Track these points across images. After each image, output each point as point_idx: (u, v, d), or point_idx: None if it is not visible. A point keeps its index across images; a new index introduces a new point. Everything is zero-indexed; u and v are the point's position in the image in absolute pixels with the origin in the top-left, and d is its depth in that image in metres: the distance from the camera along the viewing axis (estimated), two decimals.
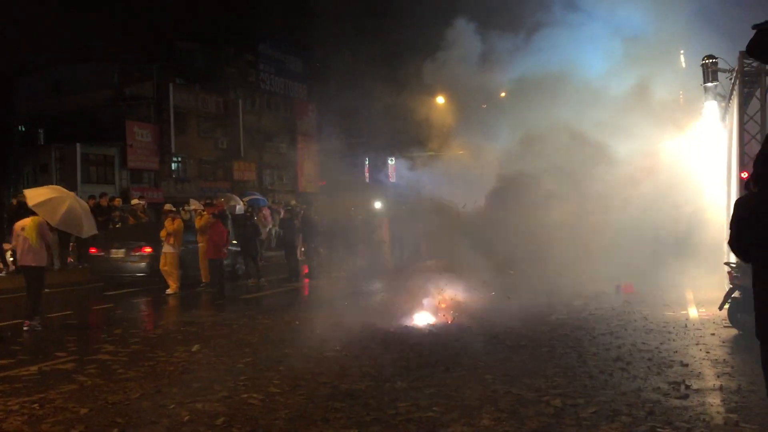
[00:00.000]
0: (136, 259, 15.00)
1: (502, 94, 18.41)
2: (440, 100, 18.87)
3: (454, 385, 6.48)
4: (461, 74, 16.49)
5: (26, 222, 10.36)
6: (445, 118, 17.77)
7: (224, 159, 44.16)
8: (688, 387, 6.24)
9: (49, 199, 10.46)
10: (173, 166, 41.26)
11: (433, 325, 9.88)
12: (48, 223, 10.34)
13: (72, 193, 11.27)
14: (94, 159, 37.31)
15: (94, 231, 11.54)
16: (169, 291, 14.01)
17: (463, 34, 16.43)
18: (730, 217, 4.31)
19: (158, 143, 39.49)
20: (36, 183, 37.60)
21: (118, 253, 15.10)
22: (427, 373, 6.96)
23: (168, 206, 16.24)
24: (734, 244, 4.25)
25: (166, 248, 14.23)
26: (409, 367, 7.29)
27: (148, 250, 14.88)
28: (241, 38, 47.08)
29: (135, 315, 12.03)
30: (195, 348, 8.56)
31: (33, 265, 10.24)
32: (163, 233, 14.35)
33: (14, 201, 18.17)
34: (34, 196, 10.63)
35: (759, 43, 4.25)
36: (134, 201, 20.07)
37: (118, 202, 19.34)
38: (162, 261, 14.26)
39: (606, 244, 14.84)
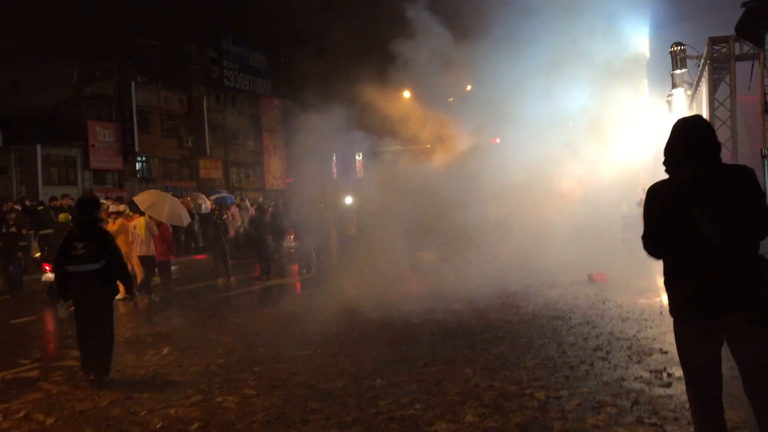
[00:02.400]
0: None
1: (468, 87, 18.36)
2: (406, 94, 18.72)
3: (434, 380, 6.35)
4: (426, 68, 16.36)
5: (138, 221, 13.15)
6: (411, 112, 17.62)
7: (190, 157, 43.59)
8: (670, 375, 6.18)
9: (155, 202, 13.39)
10: (137, 165, 40.57)
11: (408, 320, 9.74)
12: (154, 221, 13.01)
13: (168, 194, 14.63)
14: (55, 160, 36.45)
15: (188, 220, 14.33)
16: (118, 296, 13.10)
17: (427, 27, 16.28)
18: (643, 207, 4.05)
19: (121, 143, 38.82)
20: None
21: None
22: (406, 369, 6.82)
23: (111, 205, 15.52)
24: (647, 237, 3.99)
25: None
26: (387, 363, 7.15)
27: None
28: (203, 34, 46.50)
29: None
30: (165, 351, 8.32)
31: (144, 254, 12.96)
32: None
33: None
34: (142, 200, 13.49)
35: (747, 20, 4.15)
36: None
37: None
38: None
39: (574, 234, 14.96)
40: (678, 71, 12.44)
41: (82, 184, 36.96)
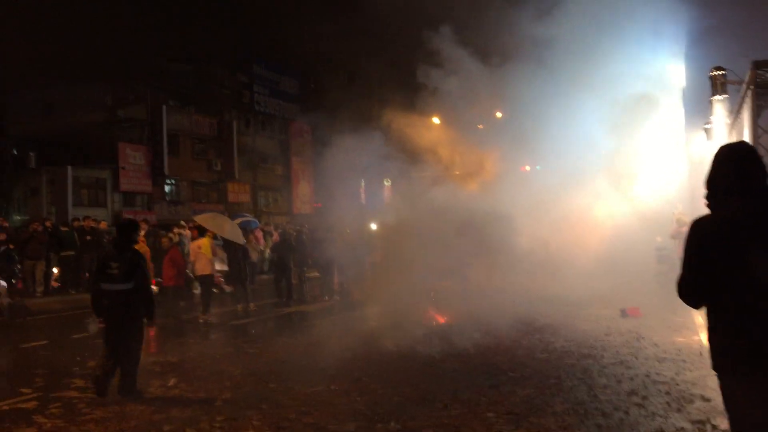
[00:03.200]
0: None
1: (498, 114, 18.03)
2: (435, 120, 18.41)
3: (454, 425, 5.84)
4: (455, 94, 16.06)
5: (202, 242, 13.91)
6: (440, 138, 17.27)
7: (218, 181, 43.58)
8: (715, 427, 5.60)
9: (216, 221, 14.57)
10: (166, 188, 40.65)
11: (430, 354, 9.22)
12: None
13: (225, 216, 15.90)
14: (85, 182, 36.64)
15: (242, 239, 14.90)
16: None
17: (455, 54, 16.00)
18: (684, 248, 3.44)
19: (151, 165, 38.88)
20: (26, 207, 37.05)
21: None
22: (424, 411, 6.31)
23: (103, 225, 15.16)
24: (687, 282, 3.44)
25: None
26: (404, 403, 6.64)
27: None
28: (234, 59, 46.79)
29: None
30: (171, 382, 7.91)
31: (207, 273, 13.66)
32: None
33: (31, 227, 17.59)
34: (204, 220, 14.63)
35: None
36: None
37: (104, 225, 18.66)
38: None
39: (606, 265, 14.39)
40: (718, 97, 11.87)
41: (112, 206, 37.08)
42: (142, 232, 15.74)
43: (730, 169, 3.40)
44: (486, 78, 15.77)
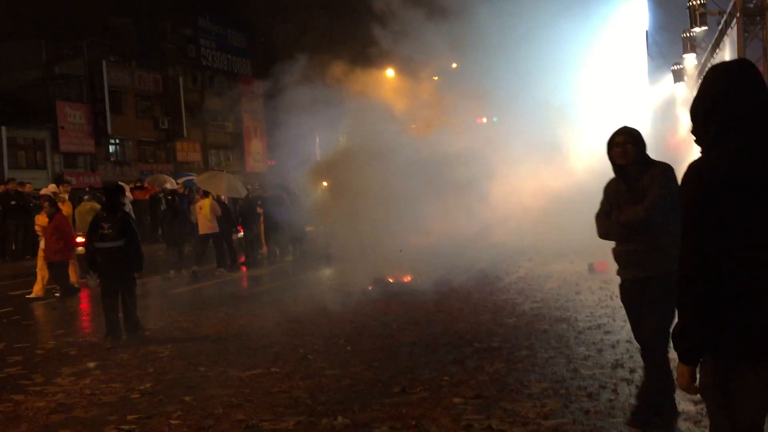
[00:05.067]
0: None
1: (454, 65, 17.13)
2: (390, 73, 17.39)
3: (413, 416, 4.87)
4: (410, 43, 15.04)
5: (204, 202, 14.28)
6: (394, 91, 16.27)
7: (166, 140, 41.75)
8: None
9: (212, 180, 15.57)
10: (111, 148, 38.75)
11: (386, 324, 8.26)
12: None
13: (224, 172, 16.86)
14: (22, 143, 34.56)
15: (245, 192, 15.89)
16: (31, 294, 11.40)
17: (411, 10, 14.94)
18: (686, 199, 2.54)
19: (93, 124, 36.90)
20: None
21: None
22: (378, 397, 5.33)
23: (48, 189, 13.41)
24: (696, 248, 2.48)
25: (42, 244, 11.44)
26: (355, 388, 5.65)
27: None
28: (178, 12, 44.51)
29: (33, 322, 10.05)
30: (89, 365, 6.81)
31: (210, 232, 14.09)
32: (36, 226, 11.58)
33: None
34: (201, 181, 15.78)
35: None
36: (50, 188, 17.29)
37: (28, 188, 17.07)
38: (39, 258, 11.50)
39: (567, 219, 13.60)
40: (696, 29, 10.90)
41: (52, 168, 35.16)
42: (66, 195, 14.40)
43: (734, 97, 2.50)
44: (439, 27, 14.79)
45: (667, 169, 4.29)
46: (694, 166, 2.49)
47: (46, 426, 5.04)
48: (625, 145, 4.30)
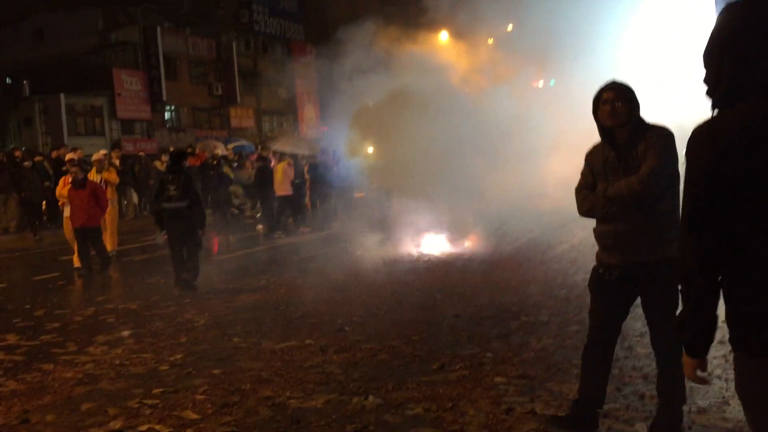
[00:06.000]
0: None
1: (509, 27, 16.50)
2: (443, 36, 16.88)
3: (451, 396, 4.52)
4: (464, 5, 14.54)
5: (278, 166, 14.95)
6: (448, 54, 15.78)
7: (220, 106, 41.91)
8: None
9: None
10: (166, 115, 39.11)
11: (429, 294, 7.91)
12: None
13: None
14: (81, 110, 35.17)
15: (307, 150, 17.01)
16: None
17: None
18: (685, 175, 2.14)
19: (148, 91, 37.26)
20: (21, 137, 35.72)
21: None
22: (414, 375, 5.00)
23: (72, 154, 12.54)
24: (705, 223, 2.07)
25: (68, 212, 10.69)
26: (391, 364, 5.33)
27: None
28: None
29: (74, 288, 10.02)
30: (121, 335, 6.68)
31: (284, 194, 14.62)
32: (58, 193, 10.95)
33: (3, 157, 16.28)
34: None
35: None
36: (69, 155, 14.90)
37: (80, 153, 17.09)
38: (65, 229, 11.00)
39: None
40: None
41: (110, 135, 35.75)
42: (117, 160, 14.38)
43: (754, 41, 2.01)
44: None
45: (665, 134, 3.65)
46: (700, 130, 2.06)
47: (69, 398, 4.88)
48: (615, 102, 3.66)
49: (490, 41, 16.66)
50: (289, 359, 5.58)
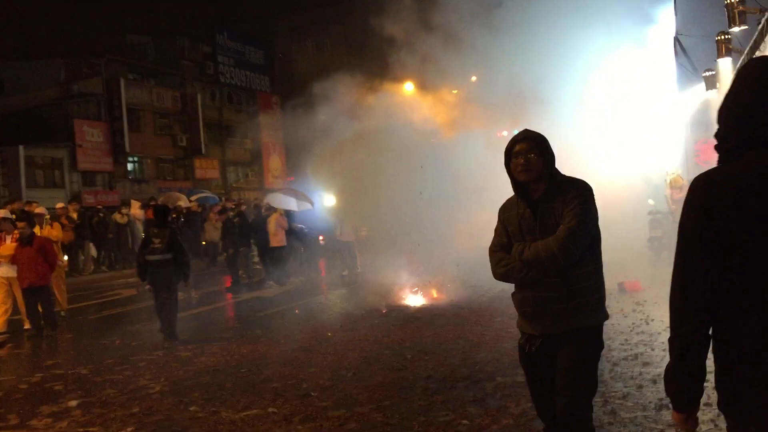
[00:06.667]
0: None
1: (473, 78, 16.64)
2: (408, 87, 16.94)
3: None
4: (427, 60, 14.63)
5: (270, 217, 14.92)
6: (417, 106, 15.81)
7: (184, 157, 41.47)
8: None
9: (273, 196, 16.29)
10: (129, 166, 38.52)
11: (400, 353, 7.56)
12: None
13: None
14: (40, 162, 34.39)
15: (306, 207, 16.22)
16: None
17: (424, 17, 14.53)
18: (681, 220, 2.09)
19: (111, 143, 36.69)
20: None
21: None
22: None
23: (4, 211, 11.97)
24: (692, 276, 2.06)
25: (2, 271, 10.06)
26: None
27: None
28: (196, 29, 44.50)
29: (22, 352, 9.30)
30: (70, 404, 6.18)
31: (277, 245, 14.61)
32: (3, 251, 10.07)
33: None
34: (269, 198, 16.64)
35: None
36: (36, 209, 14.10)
37: (39, 209, 16.45)
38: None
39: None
40: (736, 29, 10.16)
41: (70, 187, 34.98)
42: (75, 214, 13.87)
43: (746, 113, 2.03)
44: (457, 43, 14.30)
45: (584, 188, 3.33)
46: (696, 181, 2.09)
47: None
48: (528, 154, 3.32)
49: (455, 92, 16.76)
50: (250, 430, 5.16)
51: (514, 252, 3.38)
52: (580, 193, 3.28)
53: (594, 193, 3.32)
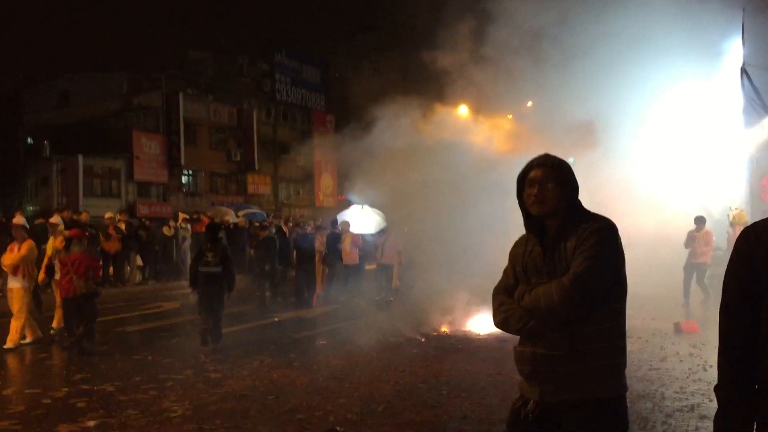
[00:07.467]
0: None
1: (529, 104, 16.37)
2: (463, 110, 16.73)
3: None
4: (483, 84, 14.34)
5: (345, 235, 15.39)
6: (469, 130, 15.54)
7: (237, 172, 41.95)
8: None
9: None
10: (183, 179, 39.11)
11: (434, 387, 7.16)
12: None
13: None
14: (98, 171, 35.22)
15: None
16: (7, 344, 9.60)
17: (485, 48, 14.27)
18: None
19: (167, 155, 37.39)
20: (38, 196, 35.82)
21: None
22: None
23: (18, 219, 11.67)
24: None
25: (11, 282, 9.91)
26: None
27: None
28: (256, 47, 45.17)
29: (53, 363, 9.32)
30: (90, 423, 5.97)
31: (350, 263, 15.19)
32: (6, 259, 9.97)
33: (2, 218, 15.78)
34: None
35: None
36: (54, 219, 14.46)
37: (84, 216, 16.67)
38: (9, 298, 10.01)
39: (647, 268, 12.21)
40: None
41: (126, 197, 35.69)
42: (122, 224, 13.91)
43: None
44: (515, 65, 13.97)
45: (603, 228, 2.70)
46: (751, 227, 2.13)
47: None
48: (544, 184, 2.77)
49: (510, 116, 16.48)
50: None
51: (516, 296, 2.82)
52: (597, 230, 2.67)
53: (618, 233, 2.70)
